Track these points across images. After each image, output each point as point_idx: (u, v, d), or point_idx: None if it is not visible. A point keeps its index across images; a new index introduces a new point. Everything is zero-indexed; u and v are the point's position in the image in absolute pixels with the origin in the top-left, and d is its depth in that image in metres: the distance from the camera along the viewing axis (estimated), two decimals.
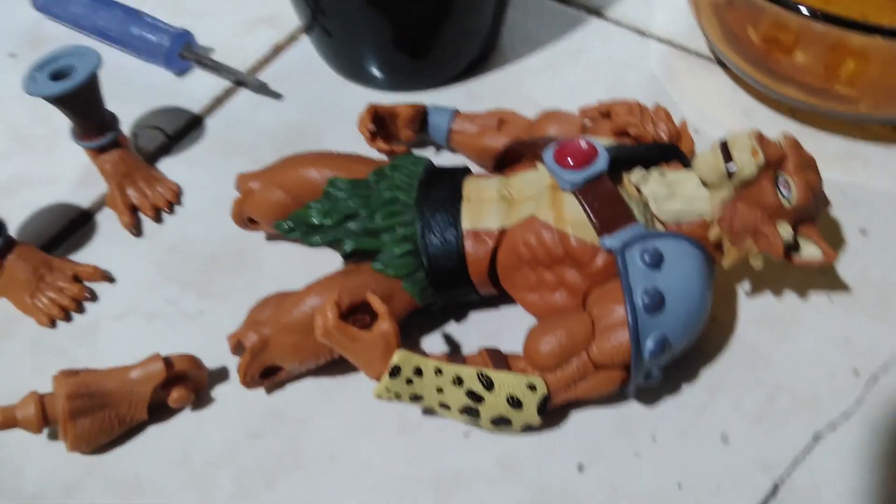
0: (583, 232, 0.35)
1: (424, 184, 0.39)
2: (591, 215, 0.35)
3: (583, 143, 0.36)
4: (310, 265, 0.43)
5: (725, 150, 0.35)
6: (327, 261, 0.43)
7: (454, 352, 0.40)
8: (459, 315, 0.41)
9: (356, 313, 0.36)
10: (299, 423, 0.38)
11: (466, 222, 0.37)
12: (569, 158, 0.36)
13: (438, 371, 0.34)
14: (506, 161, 0.41)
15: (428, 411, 0.38)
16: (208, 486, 0.36)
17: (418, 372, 0.34)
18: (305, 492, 0.36)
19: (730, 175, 0.35)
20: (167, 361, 0.37)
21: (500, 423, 0.35)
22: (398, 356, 0.34)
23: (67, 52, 0.43)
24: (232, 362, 0.40)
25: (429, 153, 0.47)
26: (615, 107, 0.41)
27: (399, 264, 0.37)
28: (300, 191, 0.40)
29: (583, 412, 0.37)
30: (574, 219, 0.36)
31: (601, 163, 0.36)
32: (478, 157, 0.45)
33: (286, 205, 0.40)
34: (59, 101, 0.42)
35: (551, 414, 0.37)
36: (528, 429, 0.36)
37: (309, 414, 0.38)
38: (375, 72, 0.49)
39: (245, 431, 0.38)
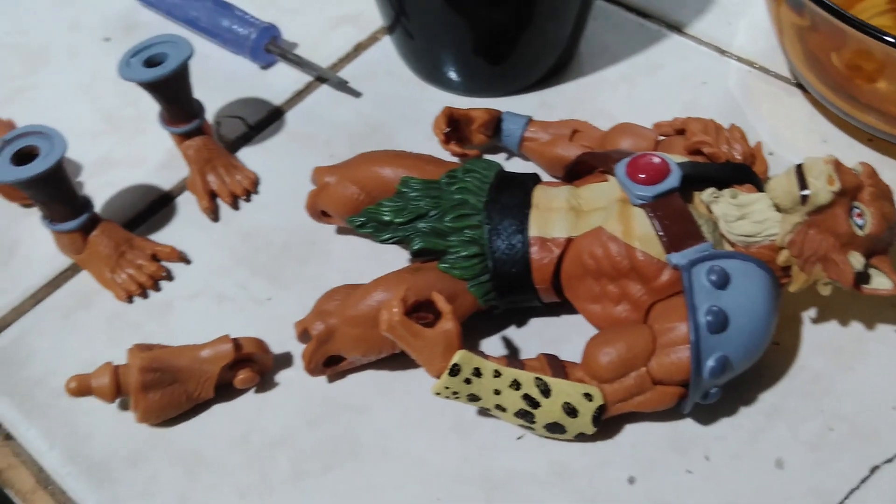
0: (650, 247, 0.36)
1: (495, 188, 0.39)
2: (660, 231, 0.35)
3: (656, 159, 0.37)
4: (376, 260, 0.44)
5: (801, 175, 0.35)
6: (393, 257, 0.44)
7: (513, 355, 0.40)
8: (520, 320, 0.41)
9: (420, 311, 0.37)
10: (356, 414, 0.39)
11: (534, 229, 0.38)
12: (641, 173, 0.36)
13: (497, 373, 0.35)
14: (576, 171, 0.41)
15: (483, 412, 0.38)
16: (266, 466, 0.38)
17: (477, 373, 0.35)
18: (359, 481, 0.37)
19: (804, 200, 0.35)
20: (236, 343, 0.38)
21: (555, 429, 0.36)
22: (459, 356, 0.35)
23: (161, 41, 0.45)
24: (296, 349, 0.41)
25: (499, 158, 0.48)
26: (690, 124, 0.41)
27: (465, 266, 0.38)
28: (374, 187, 0.41)
29: (637, 425, 0.38)
30: (642, 233, 0.36)
31: (673, 179, 0.36)
32: (548, 165, 0.45)
33: (359, 200, 0.41)
34: (151, 86, 0.44)
35: (605, 424, 0.37)
36: (581, 437, 0.37)
37: (366, 405, 0.39)
38: (453, 75, 0.50)
39: (304, 417, 0.39)
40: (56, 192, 0.41)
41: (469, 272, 0.38)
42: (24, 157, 0.41)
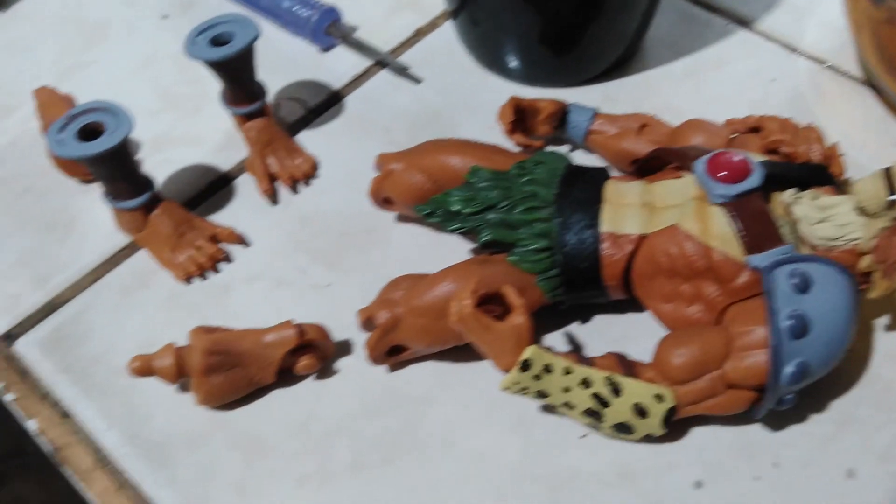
0: (729, 247, 0.35)
1: (564, 181, 0.39)
2: (741, 232, 0.34)
3: (737, 157, 0.36)
4: (438, 249, 0.44)
5: (889, 179, 0.34)
6: (455, 247, 0.43)
7: (577, 352, 0.40)
8: (585, 316, 0.41)
9: (489, 303, 0.36)
10: (417, 405, 0.39)
11: (605, 225, 0.37)
12: (721, 171, 0.35)
13: (568, 371, 0.34)
14: (648, 167, 0.40)
15: (547, 408, 0.38)
16: (326, 454, 0.37)
17: (547, 369, 0.34)
18: (419, 474, 0.37)
19: (891, 205, 0.34)
20: (299, 329, 0.38)
21: (622, 430, 0.35)
22: (530, 351, 0.34)
23: (227, 20, 0.44)
24: (356, 336, 0.41)
25: (562, 151, 0.47)
26: (766, 122, 0.40)
27: (534, 260, 0.37)
28: (441, 176, 0.40)
29: (704, 428, 0.37)
30: (721, 233, 0.35)
31: (755, 179, 0.35)
32: (614, 159, 0.44)
33: (425, 189, 0.41)
34: (217, 66, 0.43)
35: (672, 426, 0.36)
36: (647, 438, 0.36)
37: (427, 396, 0.39)
38: (516, 64, 0.49)
39: (364, 406, 0.39)
40: (120, 170, 0.41)
41: (538, 266, 0.37)
42: (88, 132, 0.41)
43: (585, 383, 0.34)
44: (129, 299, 0.43)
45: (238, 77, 0.44)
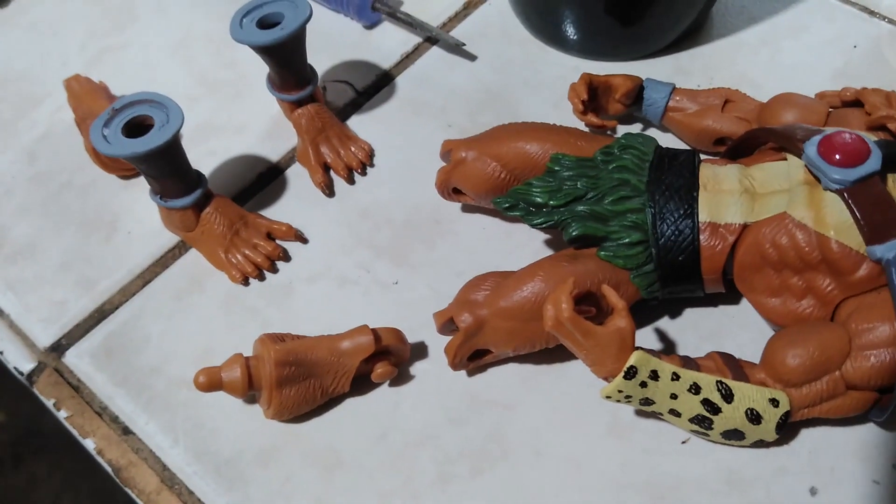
0: (848, 237, 0.32)
1: (655, 167, 0.36)
2: (861, 220, 0.32)
3: (852, 138, 0.33)
4: (508, 241, 0.41)
5: None
6: (527, 238, 0.41)
7: (668, 351, 0.37)
8: (673, 311, 0.38)
9: (581, 303, 0.34)
10: (503, 411, 0.36)
11: (704, 214, 0.34)
12: (837, 154, 0.32)
13: (675, 376, 0.32)
14: (741, 148, 0.38)
15: (643, 414, 0.35)
16: (410, 468, 0.35)
17: (654, 375, 0.32)
18: (511, 486, 0.34)
19: None
20: (375, 335, 0.35)
21: (732, 436, 0.33)
22: (636, 357, 0.31)
23: (273, 0, 0.41)
24: (430, 338, 0.38)
25: (634, 130, 0.44)
26: (868, 96, 0.37)
27: (629, 255, 0.34)
28: (517, 165, 0.38)
29: (815, 430, 0.34)
30: (837, 222, 0.32)
31: (874, 162, 0.32)
32: (694, 138, 0.41)
33: (500, 179, 0.38)
34: (267, 50, 0.40)
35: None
36: (757, 443, 0.33)
37: (512, 402, 0.36)
38: (578, 36, 0.46)
39: (446, 414, 0.36)
40: (171, 167, 0.38)
41: (633, 261, 0.35)
42: (134, 127, 0.38)
43: (695, 389, 0.32)
44: (183, 304, 0.40)
45: (289, 62, 0.41)
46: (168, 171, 0.38)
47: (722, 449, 0.34)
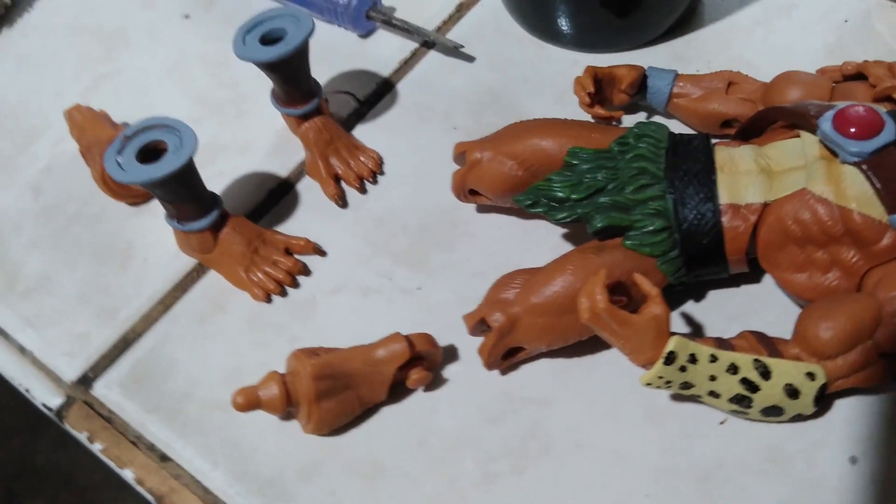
0: (869, 208, 0.33)
1: (670, 153, 0.36)
2: (882, 190, 0.32)
3: (865, 110, 0.33)
4: (527, 238, 0.41)
5: None
6: (545, 234, 0.41)
7: (697, 334, 0.37)
8: (698, 294, 0.38)
9: (612, 294, 0.34)
10: (539, 407, 0.36)
11: (724, 196, 0.35)
12: (852, 127, 0.33)
13: (713, 358, 0.32)
14: (751, 129, 0.38)
15: (679, 397, 0.36)
16: (453, 471, 0.35)
17: (693, 359, 0.32)
18: (557, 480, 0.34)
19: None
20: (409, 341, 0.35)
21: (771, 412, 0.33)
22: (674, 342, 0.32)
23: (275, 15, 0.41)
24: (459, 340, 0.38)
25: (639, 119, 0.44)
26: (870, 68, 0.38)
27: (654, 242, 0.35)
28: (533, 162, 0.38)
29: (850, 400, 0.35)
30: (858, 193, 0.33)
31: (889, 132, 0.33)
32: (700, 123, 0.42)
33: (517, 177, 0.38)
34: (273, 66, 0.40)
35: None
36: (795, 418, 0.34)
37: (548, 397, 0.37)
38: (574, 30, 0.46)
39: (483, 414, 0.36)
40: (187, 190, 0.38)
41: (659, 248, 0.35)
42: (146, 153, 0.38)
43: (733, 369, 0.32)
44: (207, 326, 0.40)
45: (294, 76, 0.41)
46: (184, 194, 0.38)
47: (760, 427, 0.35)
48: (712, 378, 0.32)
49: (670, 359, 0.32)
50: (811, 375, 0.32)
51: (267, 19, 0.41)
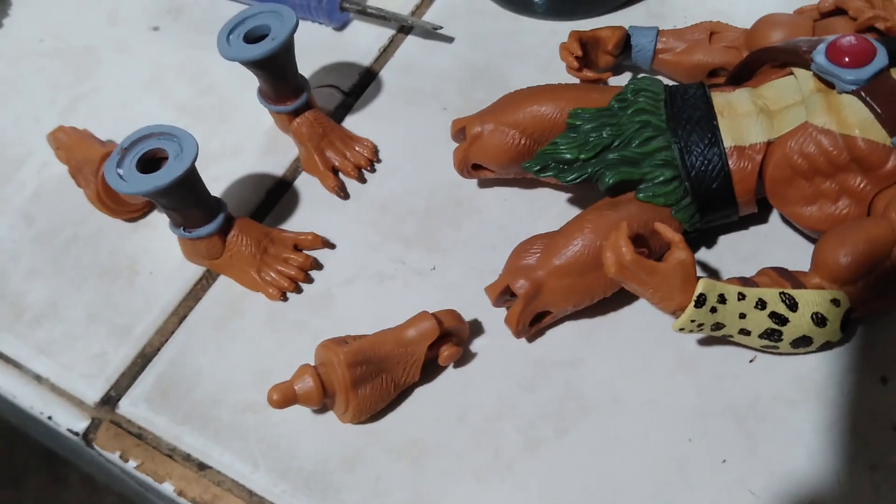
0: (872, 133, 0.33)
1: (668, 105, 0.37)
2: (882, 114, 0.33)
3: (855, 40, 0.34)
4: (532, 207, 0.41)
5: None
6: (550, 201, 0.41)
7: (715, 278, 0.38)
8: (708, 241, 0.39)
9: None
10: (571, 369, 0.37)
11: (728, 139, 0.35)
12: (845, 56, 0.34)
13: (741, 296, 0.33)
14: (743, 73, 0.39)
15: (705, 341, 0.36)
16: (496, 441, 0.35)
17: (722, 299, 0.33)
18: (600, 437, 0.35)
19: None
20: (437, 318, 0.35)
21: (801, 343, 0.34)
22: (703, 284, 0.32)
23: (256, 12, 0.41)
24: (481, 314, 0.38)
25: (625, 79, 0.45)
26: (848, 2, 0.39)
27: (666, 192, 0.35)
28: (535, 128, 0.38)
29: (874, 323, 0.36)
30: (859, 120, 0.34)
31: (882, 58, 0.34)
32: (687, 75, 0.42)
33: (521, 146, 0.38)
34: (260, 64, 0.40)
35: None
36: (824, 347, 0.35)
37: (578, 358, 0.37)
38: (546, 0, 0.47)
39: (517, 383, 0.37)
40: (192, 196, 0.37)
41: (671, 197, 0.35)
42: (147, 163, 0.37)
43: (761, 304, 0.33)
44: (226, 332, 0.39)
45: (282, 72, 0.41)
46: (190, 200, 0.37)
47: (789, 359, 0.35)
48: (742, 316, 0.33)
49: (701, 301, 0.32)
50: (836, 302, 0.33)
51: (248, 17, 0.41)
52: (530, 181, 0.41)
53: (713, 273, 0.38)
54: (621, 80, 0.45)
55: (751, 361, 0.36)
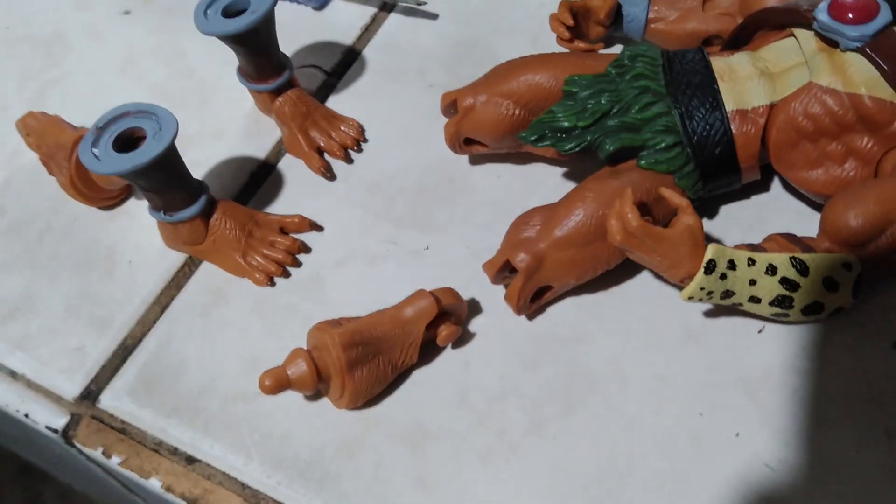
0: (879, 90, 0.32)
1: (667, 70, 0.36)
2: (888, 70, 0.32)
3: None
4: (525, 183, 0.40)
5: None
6: (544, 174, 0.40)
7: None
8: (710, 211, 0.38)
9: None
10: (575, 345, 0.35)
11: (730, 103, 0.34)
12: (849, 13, 0.33)
13: (751, 261, 0.32)
14: (741, 37, 0.38)
15: (712, 313, 0.35)
16: (500, 422, 0.34)
17: (732, 265, 0.31)
18: (609, 414, 0.33)
19: None
20: (434, 297, 0.34)
21: (813, 310, 0.33)
22: (713, 250, 0.31)
23: None
24: (479, 293, 0.37)
25: (617, 51, 0.44)
26: None
27: (668, 158, 0.34)
28: (530, 98, 0.37)
29: (884, 288, 0.35)
30: (866, 78, 0.33)
31: (885, 13, 0.33)
32: (681, 43, 0.41)
33: (515, 116, 0.37)
34: (240, 38, 0.38)
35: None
36: (835, 313, 0.34)
37: (581, 334, 0.36)
38: None
39: (519, 362, 0.35)
40: (173, 176, 0.36)
41: (674, 164, 0.34)
42: (124, 142, 0.35)
43: (771, 270, 0.32)
44: (211, 319, 0.38)
45: (265, 47, 0.39)
46: (171, 180, 0.36)
47: (798, 329, 0.34)
48: (752, 282, 0.32)
49: (710, 267, 0.31)
50: (848, 266, 0.32)
51: None
52: (524, 156, 0.40)
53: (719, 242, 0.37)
54: (612, 52, 0.43)
55: (760, 332, 0.35)
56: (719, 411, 0.33)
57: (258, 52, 0.39)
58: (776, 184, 0.38)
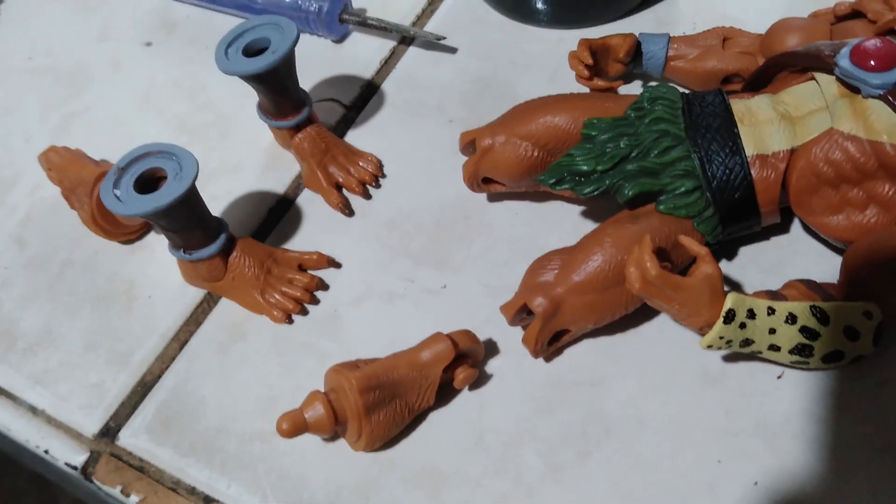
0: None
1: (686, 113, 0.35)
2: None
3: (880, 43, 0.33)
4: (545, 220, 0.40)
5: None
6: (563, 215, 0.40)
7: (739, 292, 0.37)
8: (729, 253, 0.38)
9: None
10: (591, 389, 0.35)
11: (750, 147, 0.34)
12: (871, 60, 0.32)
13: (771, 310, 0.31)
14: (760, 79, 0.37)
15: (730, 358, 0.35)
16: (516, 467, 0.34)
17: (751, 314, 0.31)
18: (626, 460, 0.33)
19: None
20: (451, 340, 0.34)
21: (832, 358, 0.32)
22: (732, 299, 0.31)
23: (255, 25, 0.39)
24: (496, 334, 0.37)
25: (636, 87, 0.44)
26: (866, 4, 0.38)
27: (688, 203, 0.34)
28: (549, 140, 0.37)
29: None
30: (888, 125, 0.32)
31: None
32: (700, 82, 0.41)
33: (534, 158, 0.37)
34: (261, 78, 0.38)
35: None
36: (855, 361, 0.33)
37: (597, 378, 0.35)
38: (552, 8, 0.46)
39: (535, 405, 0.35)
40: (193, 216, 0.36)
41: (693, 209, 0.34)
42: (145, 183, 0.36)
43: (791, 319, 0.31)
44: (229, 357, 0.38)
45: (283, 86, 0.39)
46: (191, 221, 0.36)
47: (819, 374, 0.34)
48: (772, 331, 0.32)
49: (730, 317, 0.31)
50: (868, 315, 0.32)
51: (246, 30, 0.39)
52: (541, 194, 0.40)
53: (735, 286, 0.37)
54: (631, 88, 0.44)
55: (779, 377, 0.34)
56: (737, 458, 0.33)
57: (278, 91, 0.40)
58: (796, 225, 0.38)
